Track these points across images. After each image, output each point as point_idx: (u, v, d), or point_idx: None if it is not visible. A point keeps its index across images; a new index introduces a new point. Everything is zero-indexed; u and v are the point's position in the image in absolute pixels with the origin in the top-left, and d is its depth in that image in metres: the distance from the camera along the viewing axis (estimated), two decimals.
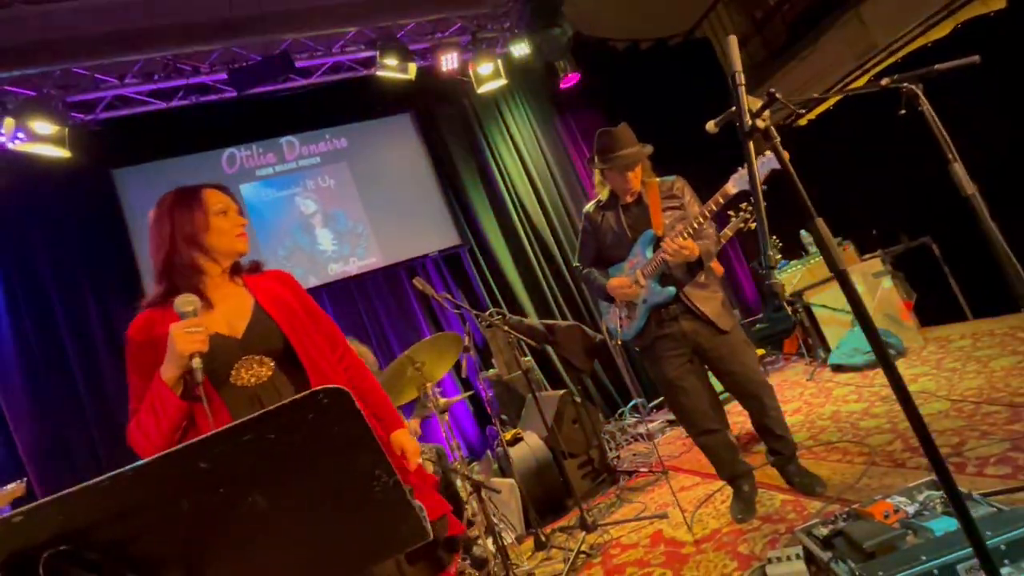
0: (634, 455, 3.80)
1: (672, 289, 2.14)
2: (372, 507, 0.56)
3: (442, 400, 2.66)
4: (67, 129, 3.75)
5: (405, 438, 1.35)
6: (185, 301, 1.14)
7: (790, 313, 4.09)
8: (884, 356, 0.89)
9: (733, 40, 0.97)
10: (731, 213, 3.15)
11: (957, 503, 0.94)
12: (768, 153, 1.80)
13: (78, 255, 3.93)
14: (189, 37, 4.02)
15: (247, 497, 0.50)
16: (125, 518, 0.45)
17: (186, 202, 1.28)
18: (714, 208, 2.02)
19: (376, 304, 4.60)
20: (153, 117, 4.24)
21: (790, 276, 4.19)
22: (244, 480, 0.49)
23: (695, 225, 2.04)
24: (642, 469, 3.34)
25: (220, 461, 0.47)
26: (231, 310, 1.25)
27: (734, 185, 1.98)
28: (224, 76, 4.11)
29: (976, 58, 1.46)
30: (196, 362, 1.07)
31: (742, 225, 3.05)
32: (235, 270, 1.34)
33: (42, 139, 3.63)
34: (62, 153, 3.72)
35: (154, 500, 0.46)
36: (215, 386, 1.18)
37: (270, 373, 1.21)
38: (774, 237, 4.36)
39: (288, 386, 1.22)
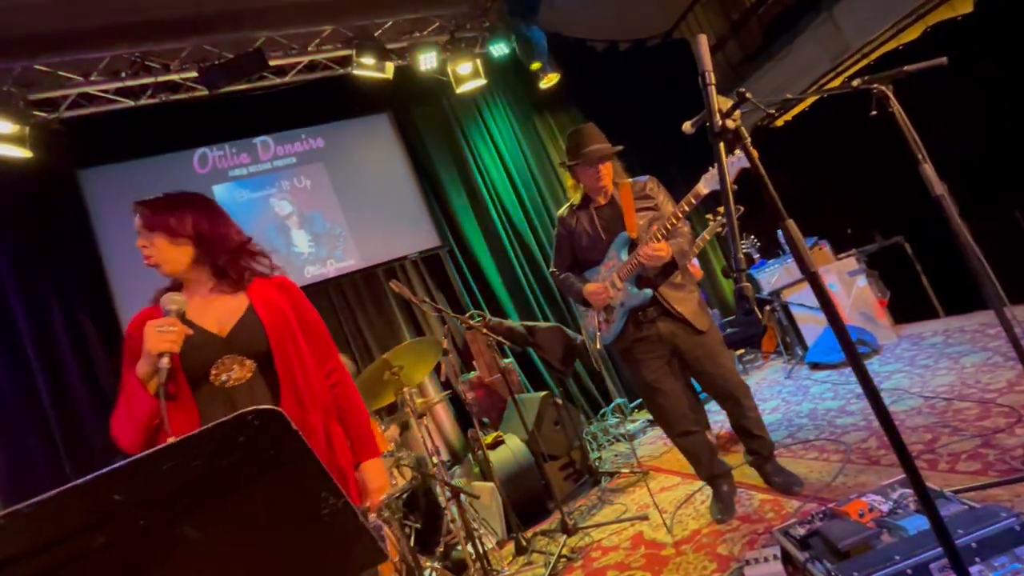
0: (616, 456, 3.80)
1: (649, 291, 2.14)
2: (321, 531, 0.53)
3: (420, 403, 2.61)
4: (28, 128, 3.61)
5: (370, 472, 1.29)
6: (170, 299, 1.16)
7: (760, 316, 4.13)
8: (855, 357, 0.88)
9: (703, 39, 0.95)
10: (709, 216, 3.16)
11: (927, 503, 0.94)
12: (738, 152, 1.79)
13: (41, 260, 3.78)
14: (158, 33, 3.90)
15: (174, 528, 0.46)
16: (30, 557, 0.41)
17: None
18: (686, 209, 2.01)
19: (355, 307, 4.53)
20: (120, 116, 4.10)
21: (767, 275, 4.23)
22: (168, 510, 0.45)
23: (668, 226, 2.03)
24: (623, 470, 3.33)
25: (136, 492, 0.43)
26: (225, 310, 1.26)
27: (706, 185, 1.97)
28: (195, 74, 4.00)
29: (944, 60, 1.47)
30: (164, 361, 1.08)
31: (720, 229, 3.06)
32: (225, 279, 1.31)
33: (2, 139, 3.49)
34: (23, 153, 3.58)
35: (62, 536, 0.42)
36: (193, 383, 1.19)
37: (249, 375, 1.20)
38: (752, 237, 4.41)
39: (265, 392, 1.20)
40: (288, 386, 1.20)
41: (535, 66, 4.58)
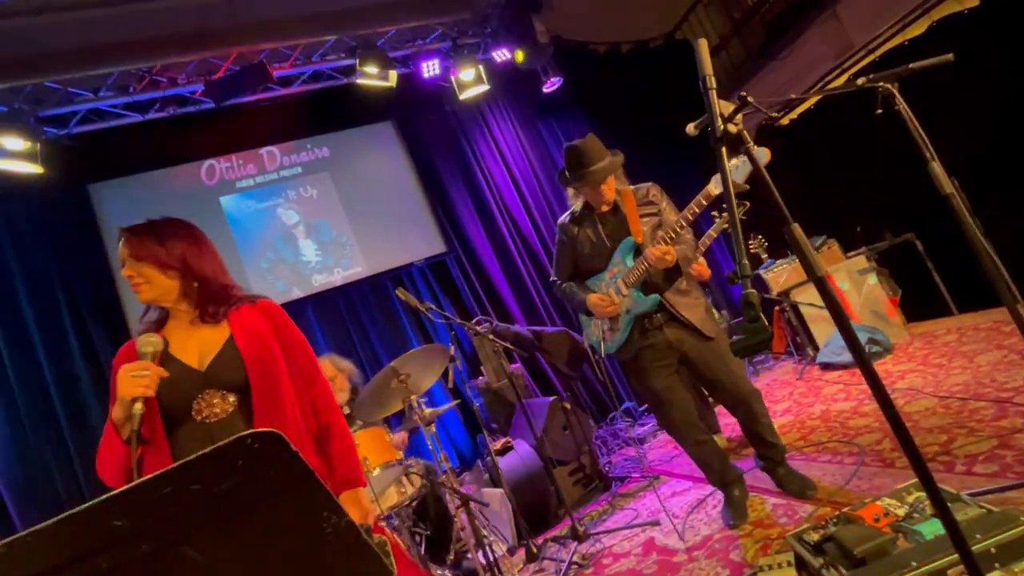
0: (626, 460, 3.77)
1: (656, 297, 2.10)
2: (324, 550, 0.53)
3: (428, 411, 2.61)
4: (39, 144, 3.67)
5: (350, 504, 1.20)
6: (146, 341, 1.13)
7: (767, 324, 4.06)
8: (864, 362, 0.87)
9: (703, 43, 0.95)
10: (715, 214, 3.13)
11: (940, 507, 0.92)
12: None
13: (54, 274, 3.83)
14: (164, 48, 3.96)
15: (176, 551, 0.46)
16: None
17: None
18: (696, 210, 1.99)
19: (362, 315, 4.54)
20: (129, 130, 4.16)
21: (776, 275, 4.20)
22: (170, 534, 0.45)
23: (677, 229, 2.01)
24: (634, 475, 3.31)
25: (137, 517, 0.43)
26: (206, 342, 1.22)
27: (716, 186, 1.96)
28: (201, 87, 4.05)
29: (950, 56, 1.45)
30: (137, 407, 1.05)
31: (726, 226, 3.03)
32: (206, 310, 1.27)
33: (13, 155, 3.55)
34: (35, 169, 3.64)
35: (65, 562, 0.42)
36: (174, 421, 1.15)
37: (231, 410, 1.16)
38: (759, 236, 4.38)
39: (247, 425, 1.16)
40: (264, 419, 1.15)
41: (520, 56, 4.56)
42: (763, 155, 1.85)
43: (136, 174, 4.25)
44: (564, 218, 2.36)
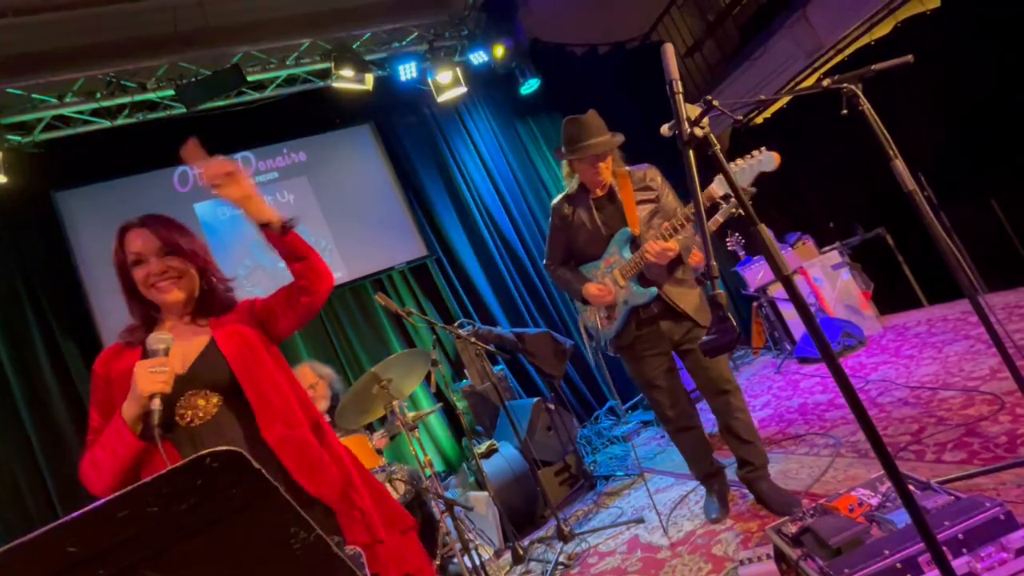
0: (611, 459, 3.79)
1: (654, 290, 2.08)
2: (294, 567, 0.52)
3: (411, 416, 2.60)
4: (2, 153, 3.56)
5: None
6: (157, 339, 1.09)
7: (734, 324, 4.14)
8: (830, 357, 0.89)
9: (669, 48, 0.96)
10: (720, 199, 3.14)
11: (905, 498, 0.95)
12: (756, 154, 1.81)
13: (21, 287, 3.72)
14: (133, 52, 3.87)
15: (135, 574, 0.45)
16: None
17: (116, 250, 1.21)
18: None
19: (344, 321, 4.50)
20: (98, 136, 4.06)
21: (754, 271, 4.27)
22: (128, 558, 0.44)
23: (677, 226, 1.97)
24: (618, 473, 3.33)
25: (92, 542, 0.42)
26: (189, 345, 1.19)
27: (720, 186, 1.93)
28: (172, 92, 3.97)
29: (910, 57, 1.50)
30: (155, 403, 1.03)
31: (734, 210, 3.03)
32: (202, 311, 1.25)
33: None
34: None
35: None
36: (165, 427, 1.11)
37: (215, 411, 1.12)
38: (737, 234, 4.45)
39: (234, 424, 1.12)
40: (265, 411, 1.13)
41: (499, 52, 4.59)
42: (772, 160, 1.88)
43: (105, 181, 4.13)
44: (557, 199, 2.26)
